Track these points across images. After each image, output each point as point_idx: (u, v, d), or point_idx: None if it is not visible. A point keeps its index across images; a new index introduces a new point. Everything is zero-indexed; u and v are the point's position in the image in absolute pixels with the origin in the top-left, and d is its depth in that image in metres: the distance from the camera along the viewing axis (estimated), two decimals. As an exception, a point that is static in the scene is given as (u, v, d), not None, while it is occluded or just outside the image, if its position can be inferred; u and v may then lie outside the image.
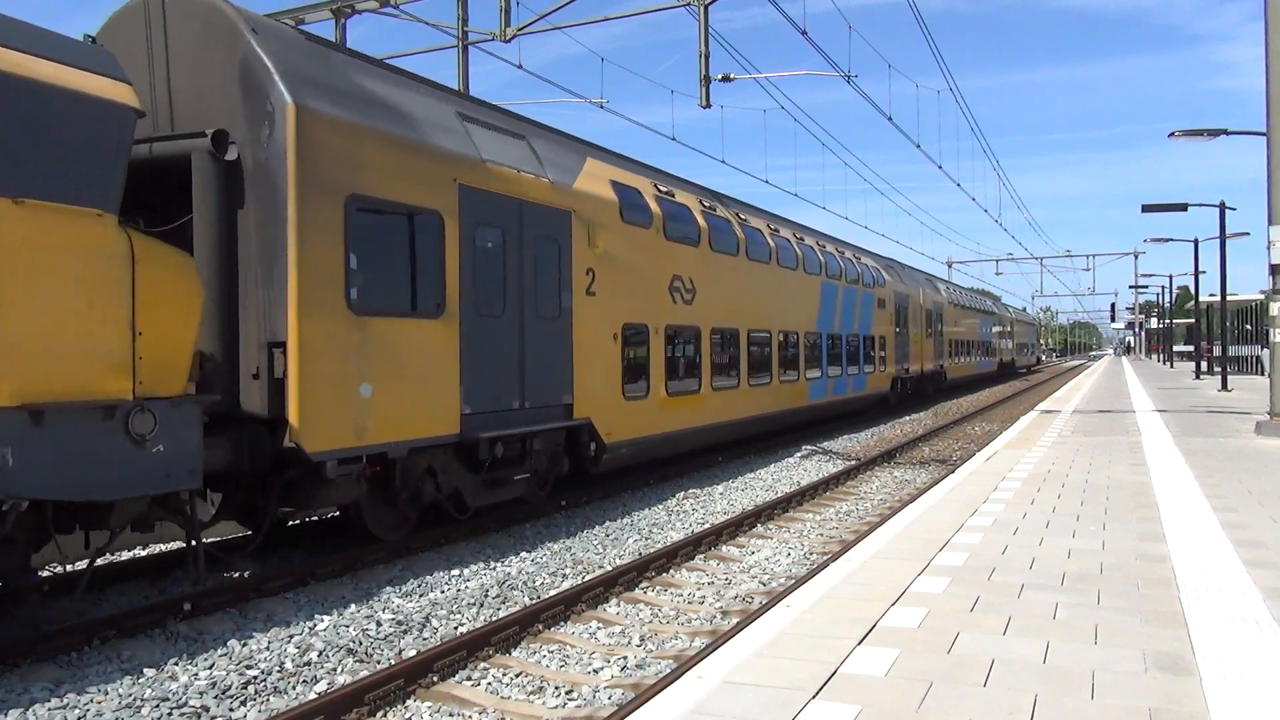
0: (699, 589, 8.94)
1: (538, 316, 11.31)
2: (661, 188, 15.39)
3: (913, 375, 31.93)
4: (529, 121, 12.68)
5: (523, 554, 10.09)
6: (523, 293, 11.06)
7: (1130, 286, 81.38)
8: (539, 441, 11.37)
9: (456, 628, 7.60)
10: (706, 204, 16.97)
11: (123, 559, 9.53)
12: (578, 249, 12.16)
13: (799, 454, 18.98)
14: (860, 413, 26.91)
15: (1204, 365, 42.75)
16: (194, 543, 7.71)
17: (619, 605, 8.43)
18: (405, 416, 9.24)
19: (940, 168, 30.71)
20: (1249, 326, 43.96)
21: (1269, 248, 14.61)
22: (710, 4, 16.08)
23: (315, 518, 10.98)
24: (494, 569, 9.47)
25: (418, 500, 9.87)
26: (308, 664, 6.68)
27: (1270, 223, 14.57)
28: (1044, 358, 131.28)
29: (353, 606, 8.01)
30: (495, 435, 10.35)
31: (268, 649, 6.95)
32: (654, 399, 14.20)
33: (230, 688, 6.20)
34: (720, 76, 17.09)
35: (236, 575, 8.70)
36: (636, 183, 14.49)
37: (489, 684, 6.46)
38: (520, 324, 11.03)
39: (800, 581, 8.10)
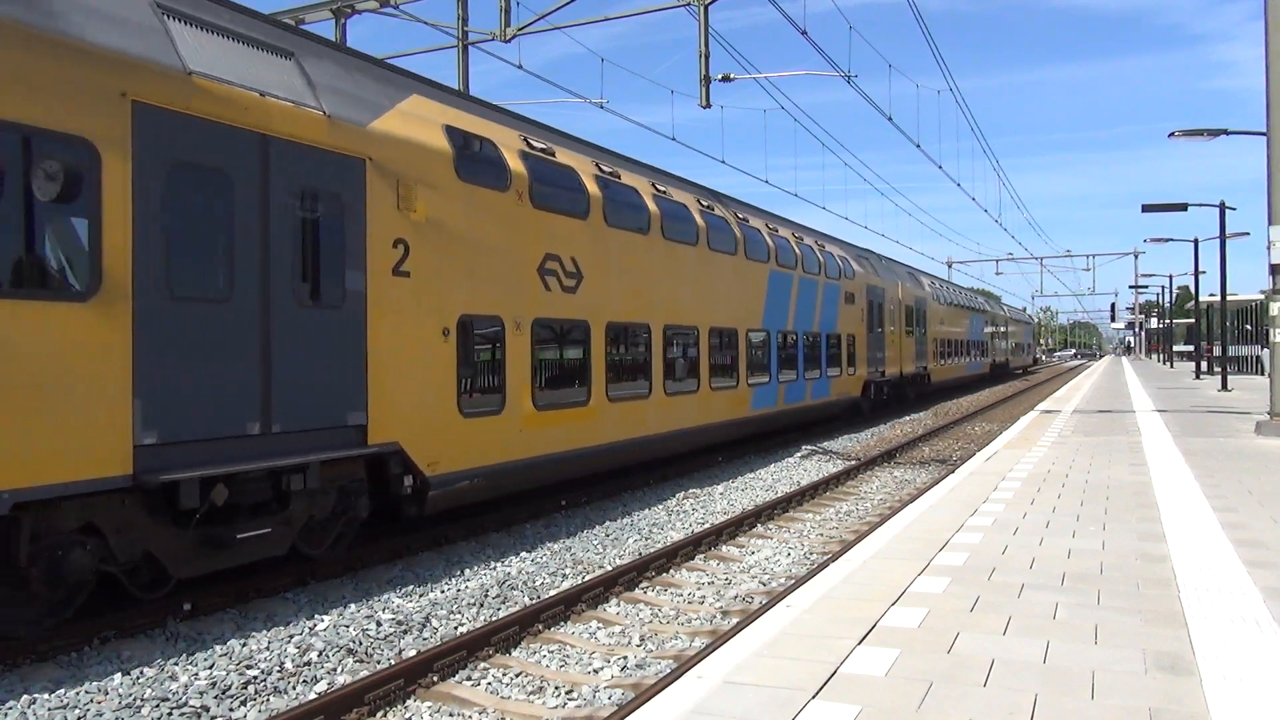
0: (699, 589, 8.94)
1: (297, 302, 8.17)
2: (534, 143, 12.13)
3: (890, 379, 28.76)
4: (316, 39, 9.69)
5: (522, 554, 10.09)
6: (268, 268, 7.97)
7: (1130, 286, 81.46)
8: (306, 479, 8.10)
9: (456, 628, 7.61)
10: (606, 170, 13.77)
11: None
12: (377, 212, 9.03)
13: (799, 454, 18.98)
14: (824, 422, 24.00)
15: (1204, 365, 42.74)
16: None
17: (619, 605, 8.43)
18: (8, 451, 6.12)
19: (940, 168, 30.76)
20: (1249, 326, 43.97)
21: (1269, 248, 14.61)
22: (710, 4, 16.09)
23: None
24: (494, 569, 9.47)
25: (64, 576, 6.65)
26: (308, 664, 6.69)
27: (1270, 223, 14.57)
28: (1043, 357, 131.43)
29: (353, 606, 8.01)
30: (208, 474, 7.26)
31: (268, 649, 6.96)
32: (513, 415, 10.98)
33: (230, 688, 6.20)
34: (720, 76, 17.09)
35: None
36: (490, 132, 11.29)
37: (489, 684, 6.46)
38: (263, 313, 7.92)
39: (800, 581, 8.10)
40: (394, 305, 9.25)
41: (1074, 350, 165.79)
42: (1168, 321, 67.05)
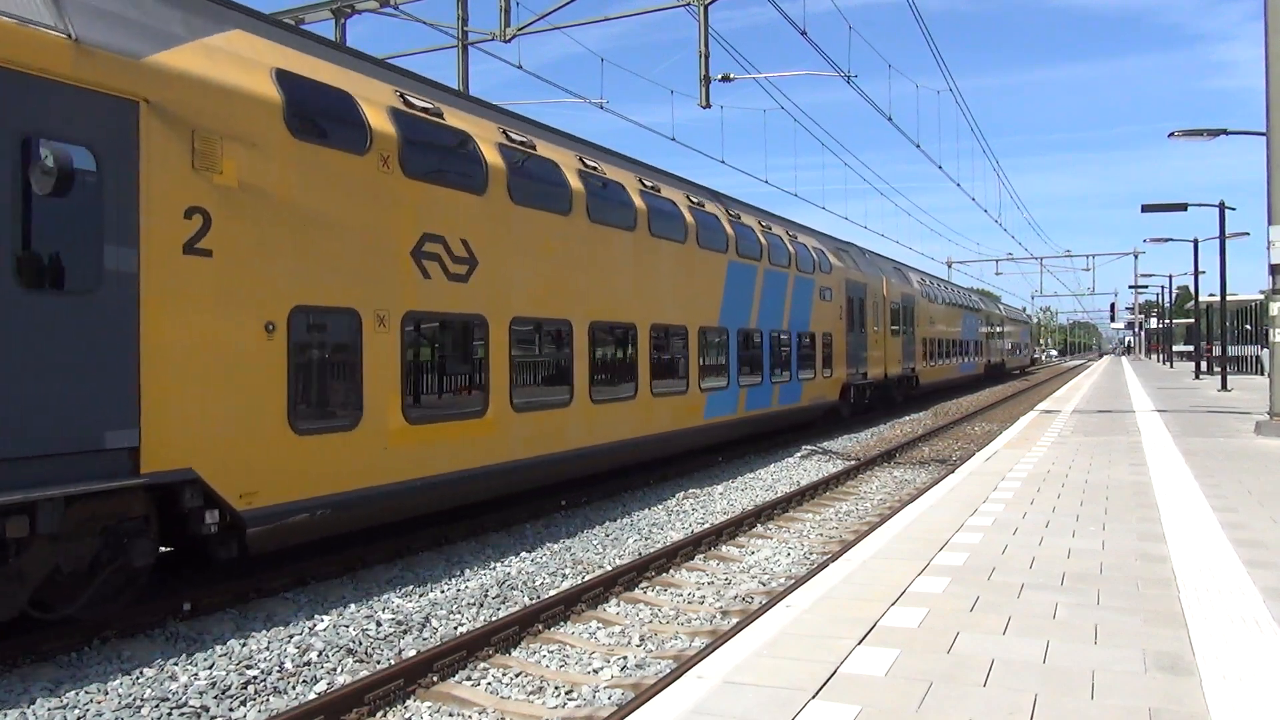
0: (699, 589, 8.94)
1: (19, 283, 6.24)
2: (413, 100, 10.12)
3: (872, 381, 26.84)
4: None
5: (522, 554, 10.09)
6: None
7: (1130, 286, 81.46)
8: (35, 522, 6.22)
9: (456, 628, 7.61)
10: (513, 138, 11.70)
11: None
12: (161, 172, 7.10)
13: (799, 454, 18.98)
14: (797, 429, 22.04)
15: (1204, 365, 42.75)
16: None
17: (619, 605, 8.44)
18: None
19: (940, 168, 30.74)
20: (1248, 326, 44.00)
21: (1269, 248, 14.61)
22: (710, 4, 16.09)
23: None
24: (493, 569, 9.47)
25: None
26: (307, 664, 6.69)
27: (1270, 223, 14.57)
28: (1045, 358, 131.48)
29: (352, 606, 8.01)
30: None
31: (267, 649, 6.96)
32: (374, 430, 8.98)
33: (230, 688, 6.20)
34: (720, 76, 17.09)
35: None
36: (346, 83, 9.31)
37: (489, 684, 6.47)
38: None
39: (800, 581, 8.11)
40: (187, 291, 7.27)
41: (1057, 350, 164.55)
42: (1167, 321, 67.09)
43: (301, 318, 8.31)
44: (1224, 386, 28.88)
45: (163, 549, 7.96)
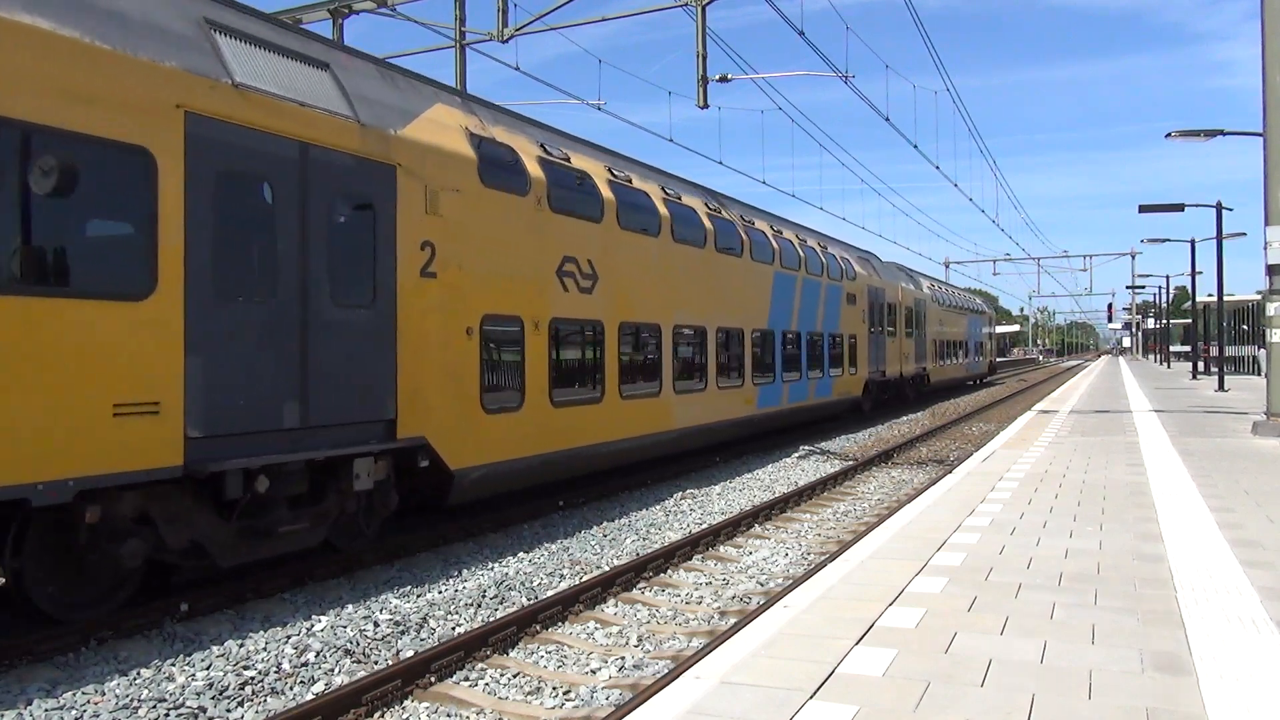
0: (697, 589, 8.94)
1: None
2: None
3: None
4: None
5: (520, 554, 10.08)
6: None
7: (1127, 287, 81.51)
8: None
9: (454, 628, 7.60)
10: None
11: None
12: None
13: (796, 454, 18.98)
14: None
15: (1201, 365, 42.81)
16: None
17: (616, 606, 8.43)
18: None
19: (938, 168, 30.79)
20: (1246, 327, 44.05)
21: (1266, 248, 14.63)
22: (708, 4, 16.10)
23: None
24: (491, 569, 9.46)
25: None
26: (305, 665, 6.68)
27: (1267, 223, 14.59)
28: (1041, 358, 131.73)
29: (350, 607, 8.01)
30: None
31: (265, 650, 6.95)
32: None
33: (228, 688, 6.20)
34: (718, 77, 17.10)
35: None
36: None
37: (487, 684, 6.46)
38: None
39: (798, 582, 8.10)
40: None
41: (1038, 349, 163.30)
42: (1165, 322, 67.17)
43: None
44: (1221, 387, 28.92)
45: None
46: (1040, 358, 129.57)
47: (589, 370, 12.82)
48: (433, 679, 6.39)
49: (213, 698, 6.06)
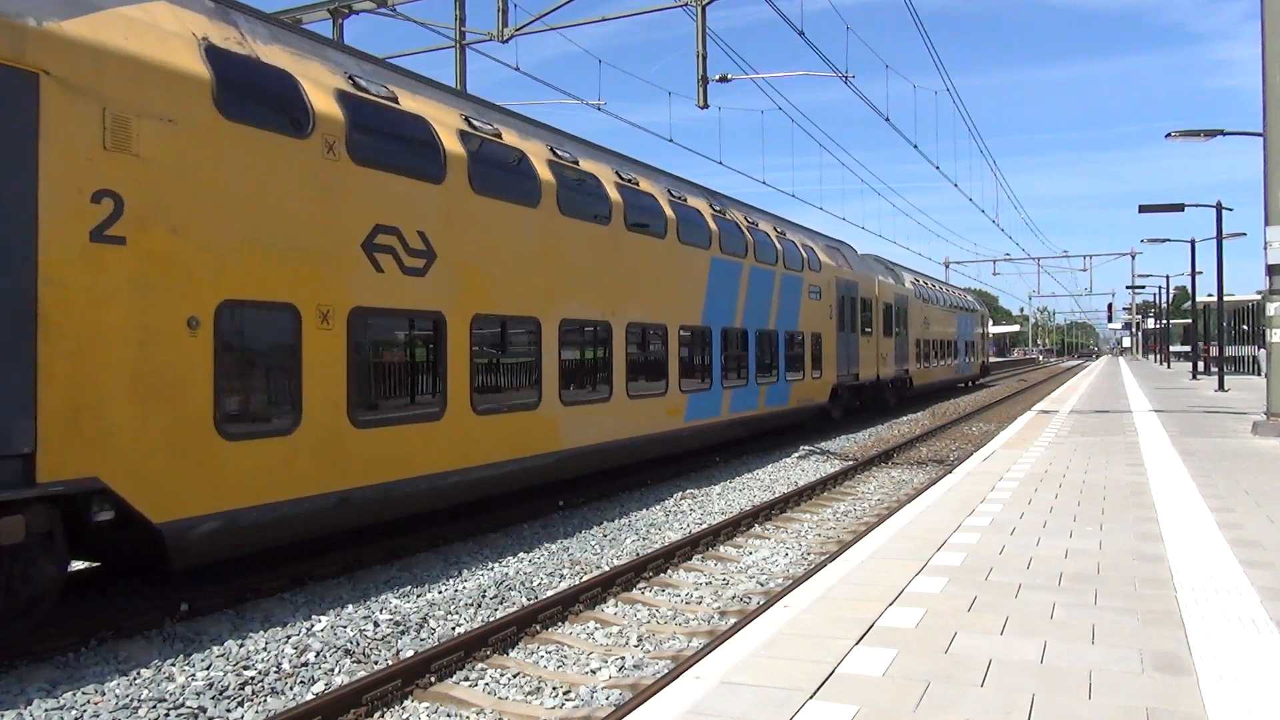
0: (697, 589, 8.94)
1: None
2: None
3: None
4: None
5: (520, 554, 10.08)
6: None
7: (1127, 287, 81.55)
8: None
9: (454, 628, 7.60)
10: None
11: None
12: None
13: (796, 454, 18.98)
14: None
15: (1201, 365, 42.82)
16: None
17: (616, 606, 8.43)
18: None
19: (938, 168, 30.79)
20: (1246, 327, 44.07)
21: (1266, 248, 14.63)
22: (708, 3, 16.10)
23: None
24: (491, 569, 9.46)
25: None
26: (305, 665, 6.68)
27: (1267, 223, 14.59)
28: (1040, 357, 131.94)
29: (350, 607, 8.01)
30: None
31: (265, 650, 6.95)
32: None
33: (228, 688, 6.20)
34: (718, 77, 17.10)
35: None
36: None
37: (487, 684, 6.46)
38: None
39: (798, 582, 8.10)
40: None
41: (1038, 349, 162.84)
42: (1165, 322, 67.18)
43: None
44: (1221, 387, 28.93)
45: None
46: (1040, 358, 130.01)
47: (421, 376, 9.84)
48: (433, 679, 6.39)
49: (213, 698, 6.06)
